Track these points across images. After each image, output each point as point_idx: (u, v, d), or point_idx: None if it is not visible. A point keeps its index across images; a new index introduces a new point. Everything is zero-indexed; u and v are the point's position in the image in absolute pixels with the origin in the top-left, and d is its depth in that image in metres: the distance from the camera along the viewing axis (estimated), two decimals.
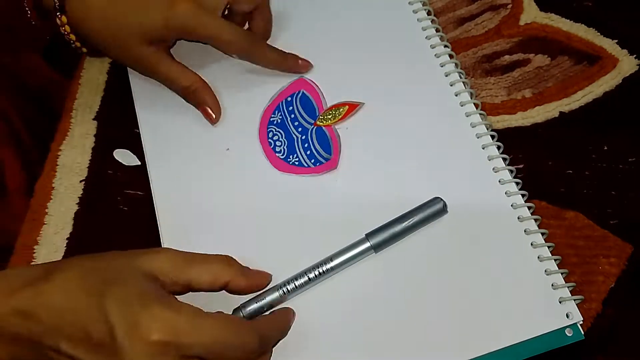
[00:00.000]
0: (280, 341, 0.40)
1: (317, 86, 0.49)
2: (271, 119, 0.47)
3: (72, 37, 0.45)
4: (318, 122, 0.47)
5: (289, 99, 0.48)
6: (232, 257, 0.39)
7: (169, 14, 0.43)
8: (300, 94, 0.48)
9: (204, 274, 0.36)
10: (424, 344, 0.39)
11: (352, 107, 0.47)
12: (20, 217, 0.47)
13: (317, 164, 0.45)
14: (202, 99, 0.47)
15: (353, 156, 0.45)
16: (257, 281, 0.39)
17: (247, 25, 0.50)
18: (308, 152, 0.46)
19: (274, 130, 0.47)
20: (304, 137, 0.47)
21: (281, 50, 0.48)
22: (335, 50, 0.50)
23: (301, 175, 0.45)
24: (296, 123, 0.47)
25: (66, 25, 0.44)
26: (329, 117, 0.47)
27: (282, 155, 0.46)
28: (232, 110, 0.48)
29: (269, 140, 0.47)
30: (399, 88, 0.48)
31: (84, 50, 0.48)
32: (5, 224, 0.47)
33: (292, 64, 0.48)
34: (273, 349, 0.39)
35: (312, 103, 0.48)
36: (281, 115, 0.48)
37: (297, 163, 0.46)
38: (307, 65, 0.49)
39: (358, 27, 0.51)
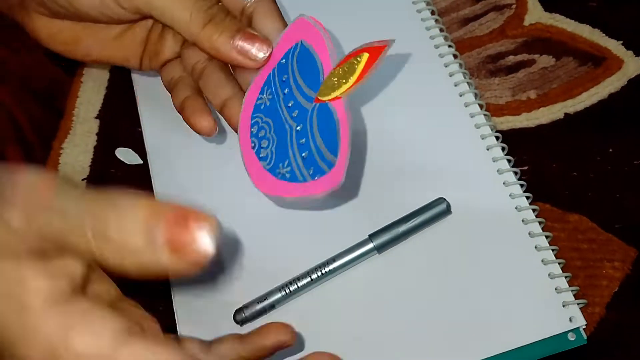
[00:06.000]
0: (281, 342, 0.40)
1: (324, 31, 0.32)
2: (258, 102, 0.33)
3: None
4: (321, 96, 0.31)
5: (283, 60, 0.32)
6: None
7: None
8: (298, 48, 0.32)
9: None
10: (426, 347, 0.39)
11: (376, 52, 0.30)
12: None
13: (316, 176, 0.31)
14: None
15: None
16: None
17: None
18: (304, 154, 0.31)
19: (260, 120, 0.33)
20: (300, 128, 0.32)
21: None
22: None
23: (292, 197, 0.33)
24: (291, 103, 0.32)
25: None
26: (341, 78, 0.30)
27: (268, 163, 0.32)
28: None
29: (252, 139, 0.33)
30: (403, 88, 0.47)
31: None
32: None
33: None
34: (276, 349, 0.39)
35: (315, 60, 0.31)
36: (271, 92, 0.32)
37: (288, 175, 0.32)
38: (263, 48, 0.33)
39: (360, 27, 0.50)
